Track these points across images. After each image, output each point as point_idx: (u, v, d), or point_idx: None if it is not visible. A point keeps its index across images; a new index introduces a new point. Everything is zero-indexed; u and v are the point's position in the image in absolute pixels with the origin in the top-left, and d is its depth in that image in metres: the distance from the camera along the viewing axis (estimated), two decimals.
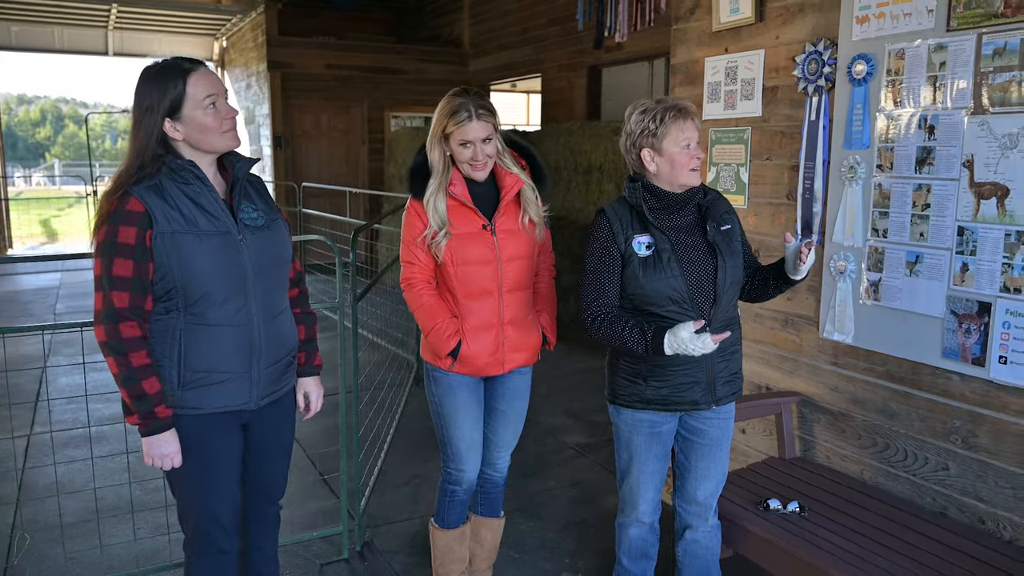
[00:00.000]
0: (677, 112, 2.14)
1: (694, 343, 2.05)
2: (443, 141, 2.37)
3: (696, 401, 2.23)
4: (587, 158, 7.37)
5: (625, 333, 2.16)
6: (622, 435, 2.38)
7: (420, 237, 2.40)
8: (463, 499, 2.64)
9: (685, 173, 2.16)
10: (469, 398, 2.52)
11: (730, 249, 2.20)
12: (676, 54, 3.41)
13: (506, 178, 2.43)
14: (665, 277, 2.14)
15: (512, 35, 10.30)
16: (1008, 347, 2.23)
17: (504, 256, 2.41)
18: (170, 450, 1.92)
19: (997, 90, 2.21)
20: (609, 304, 2.22)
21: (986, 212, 2.26)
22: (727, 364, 2.25)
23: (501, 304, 2.44)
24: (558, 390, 5.40)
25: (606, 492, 3.80)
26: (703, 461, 2.33)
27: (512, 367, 2.51)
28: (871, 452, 2.68)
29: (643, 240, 2.19)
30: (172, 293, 1.90)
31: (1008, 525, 2.30)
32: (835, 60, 2.67)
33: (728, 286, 2.18)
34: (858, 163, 2.61)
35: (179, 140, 1.93)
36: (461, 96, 2.34)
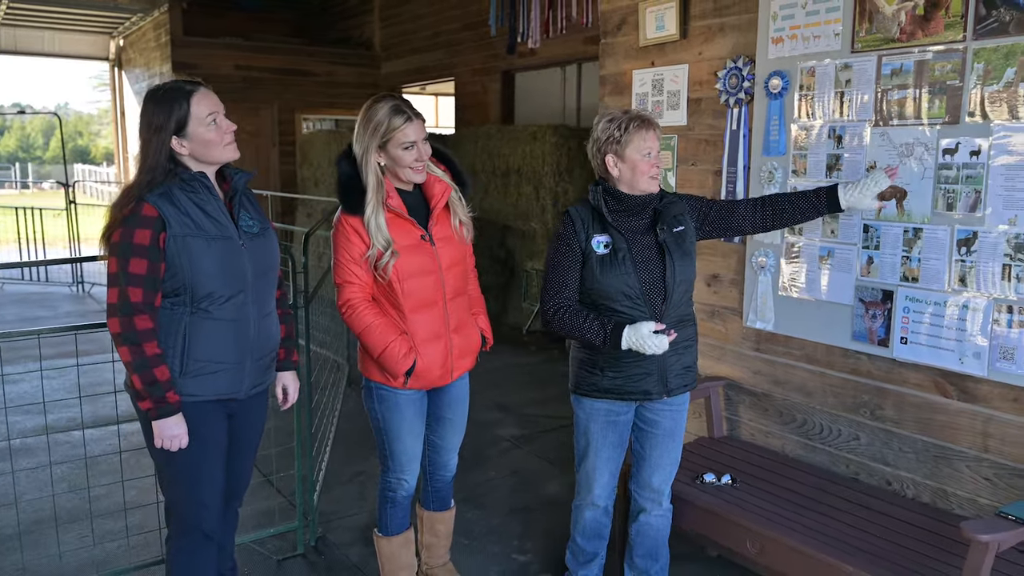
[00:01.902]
0: (641, 122, 2.35)
1: (651, 341, 2.25)
2: (379, 151, 2.35)
3: (648, 391, 2.44)
4: (505, 161, 7.58)
5: (585, 325, 2.34)
6: (580, 422, 2.58)
7: (363, 257, 2.37)
8: (404, 504, 2.69)
9: (645, 180, 2.36)
10: (416, 413, 2.56)
11: (681, 250, 2.40)
12: (605, 66, 3.65)
13: (435, 185, 2.49)
14: (620, 274, 2.35)
15: (424, 39, 10.41)
16: (908, 329, 2.56)
17: (444, 264, 2.46)
18: (179, 431, 2.07)
19: (895, 105, 2.54)
20: (570, 298, 2.41)
21: (887, 212, 2.58)
22: (679, 358, 2.45)
23: (446, 313, 2.49)
24: (486, 385, 5.56)
25: (545, 479, 4.01)
26: (657, 450, 2.55)
27: (459, 374, 2.60)
28: (791, 428, 2.99)
29: (602, 239, 2.39)
30: (180, 290, 2.05)
31: (911, 485, 2.63)
32: (753, 76, 2.96)
33: (678, 284, 2.38)
34: (775, 169, 2.91)
35: (185, 155, 2.08)
36: (390, 99, 2.38)
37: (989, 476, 2.42)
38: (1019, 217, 2.27)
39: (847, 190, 2.46)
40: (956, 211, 2.41)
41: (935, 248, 2.47)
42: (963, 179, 2.39)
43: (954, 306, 2.44)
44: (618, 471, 2.61)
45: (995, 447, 2.40)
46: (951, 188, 2.42)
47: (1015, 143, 2.26)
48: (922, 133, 2.47)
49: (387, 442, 2.59)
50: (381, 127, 2.35)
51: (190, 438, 2.09)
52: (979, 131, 2.34)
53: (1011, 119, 2.27)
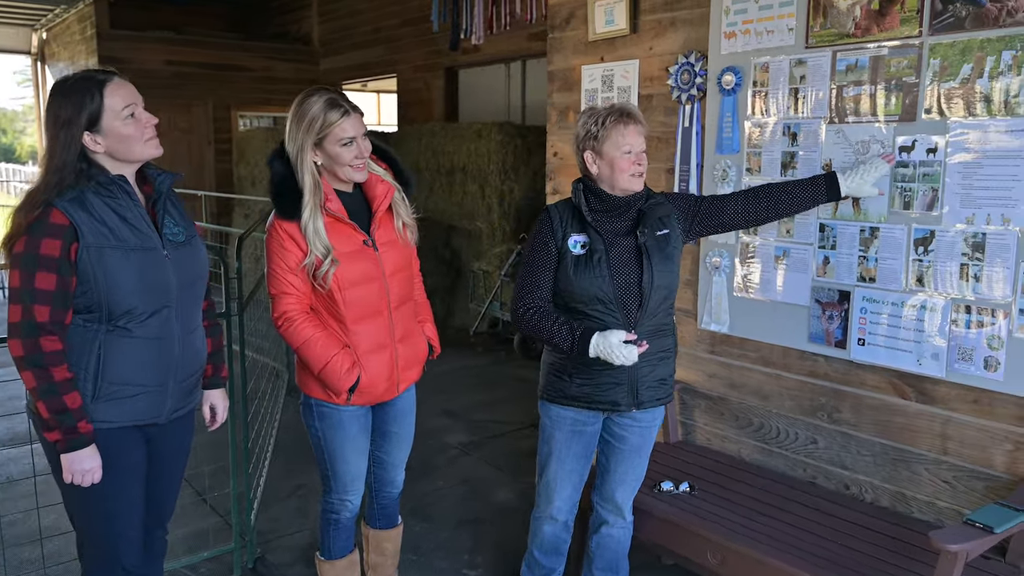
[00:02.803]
0: (619, 117, 2.23)
1: (620, 351, 2.13)
2: (315, 149, 2.20)
3: (617, 402, 2.32)
4: (449, 159, 7.44)
5: (554, 328, 2.23)
6: (546, 429, 2.46)
7: (300, 265, 2.21)
8: (348, 525, 2.55)
9: (625, 178, 2.24)
10: (360, 430, 2.42)
11: (662, 254, 2.26)
12: (553, 61, 3.54)
13: (376, 186, 2.34)
14: (593, 277, 2.23)
15: (365, 34, 10.18)
16: (865, 330, 2.51)
17: (388, 270, 2.32)
18: (92, 465, 1.86)
19: (850, 102, 2.48)
20: (542, 298, 2.29)
21: (844, 210, 2.53)
22: (653, 370, 2.33)
23: (391, 322, 2.35)
24: (433, 391, 5.40)
25: (496, 488, 3.89)
26: (622, 465, 2.44)
27: (405, 386, 2.46)
28: (748, 432, 2.93)
29: (579, 239, 2.27)
30: (94, 307, 1.83)
31: (869, 488, 2.58)
32: (706, 71, 2.88)
33: (655, 290, 2.24)
34: (729, 167, 2.84)
35: (100, 153, 1.86)
36: (324, 92, 2.22)
37: (948, 479, 2.39)
38: (976, 216, 2.23)
39: (847, 177, 2.39)
40: (913, 210, 2.37)
41: (892, 248, 2.42)
42: (920, 177, 2.34)
43: (912, 306, 2.40)
44: (581, 485, 2.49)
45: (954, 449, 2.37)
46: (908, 186, 2.37)
47: (972, 140, 2.23)
48: (878, 130, 2.42)
49: (329, 462, 2.44)
50: (316, 123, 2.18)
51: (104, 469, 1.89)
52: (936, 128, 2.30)
53: (968, 116, 2.23)
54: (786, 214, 2.48)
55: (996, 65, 2.16)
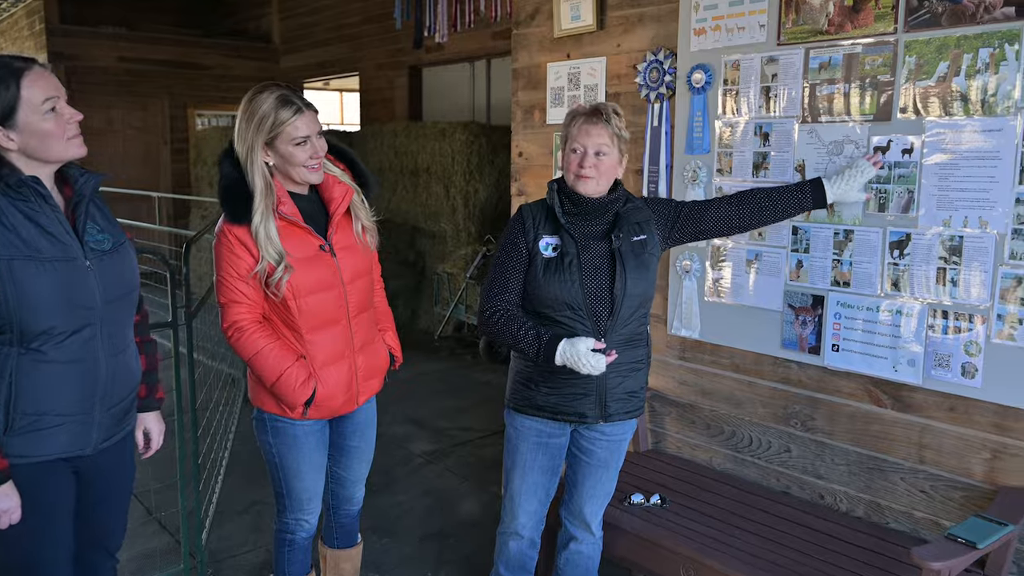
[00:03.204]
0: (581, 114, 2.15)
1: (587, 359, 2.02)
2: (266, 149, 2.08)
3: (584, 414, 2.21)
4: (413, 160, 7.30)
5: (520, 333, 2.12)
6: (510, 440, 2.35)
7: (251, 272, 2.08)
8: (305, 545, 2.41)
9: (570, 178, 2.15)
10: (317, 446, 2.29)
11: (637, 261, 2.16)
12: (518, 59, 3.43)
13: (334, 188, 2.22)
14: (563, 281, 2.12)
15: (326, 32, 9.99)
16: (840, 336, 2.44)
17: (347, 277, 2.20)
18: (9, 505, 1.66)
19: (824, 101, 2.41)
20: (510, 301, 2.19)
21: (817, 213, 2.45)
22: (623, 381, 2.22)
23: (350, 331, 2.23)
24: (398, 397, 5.27)
25: (461, 499, 3.76)
26: (590, 480, 2.33)
27: (365, 398, 2.34)
28: (719, 440, 2.84)
29: (550, 241, 2.17)
30: (4, 327, 1.63)
31: (844, 498, 2.51)
32: (675, 69, 2.79)
33: (628, 298, 2.14)
34: (699, 168, 2.75)
35: (13, 151, 1.66)
36: (275, 89, 2.09)
37: (925, 488, 2.32)
38: (954, 218, 2.17)
39: (833, 183, 2.30)
40: (888, 212, 2.30)
41: (867, 251, 2.35)
42: (895, 178, 2.27)
43: (887, 311, 2.33)
44: (548, 500, 2.38)
45: (931, 458, 2.30)
46: (883, 188, 2.30)
47: (948, 141, 2.16)
48: (852, 130, 2.35)
49: (284, 480, 2.30)
50: (267, 121, 2.06)
51: (25, 508, 1.69)
52: (911, 128, 2.23)
53: (944, 115, 2.16)
54: (770, 221, 2.35)
55: (973, 63, 2.10)
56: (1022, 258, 2.06)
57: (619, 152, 2.17)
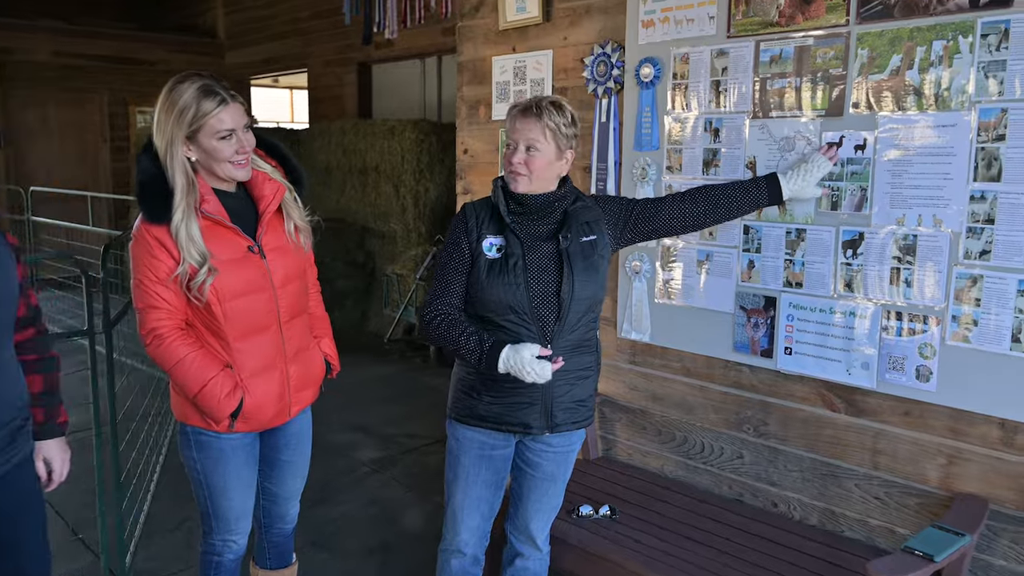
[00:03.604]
0: (516, 108, 2.04)
1: (532, 367, 1.91)
2: (187, 143, 1.93)
3: (529, 425, 2.09)
4: (362, 158, 7.12)
5: (462, 339, 2.00)
6: (452, 452, 2.22)
7: (171, 275, 1.93)
8: (233, 568, 2.25)
9: (507, 175, 2.04)
10: (245, 461, 2.14)
11: (585, 263, 2.04)
12: (463, 52, 3.30)
13: (264, 185, 2.07)
14: (507, 284, 2.00)
15: (274, 27, 9.72)
16: (792, 338, 2.36)
17: (278, 280, 2.07)
18: None
19: (775, 95, 2.33)
20: (452, 304, 2.06)
21: (769, 211, 2.37)
22: (570, 390, 2.10)
23: (282, 338, 2.10)
24: (343, 403, 5.10)
25: (407, 510, 3.62)
26: (536, 493, 2.21)
27: (298, 409, 2.20)
28: (671, 447, 2.75)
29: (494, 242, 2.05)
30: None
31: (798, 506, 2.43)
32: (623, 63, 2.69)
33: (575, 302, 2.02)
34: (649, 165, 2.65)
35: None
36: (196, 78, 1.93)
37: (880, 495, 2.26)
38: (907, 216, 2.10)
39: (788, 178, 2.21)
40: (841, 210, 2.23)
41: (819, 250, 2.28)
42: (848, 176, 2.20)
43: (840, 313, 2.25)
44: (492, 515, 2.25)
45: (885, 464, 2.23)
46: (836, 185, 2.23)
47: (902, 137, 2.09)
48: (804, 126, 2.27)
49: (210, 499, 2.14)
50: (188, 113, 1.90)
51: None
52: (864, 123, 2.16)
53: (897, 110, 2.09)
54: (725, 219, 2.25)
55: (927, 56, 2.03)
56: (976, 257, 2.00)
57: (556, 148, 2.03)
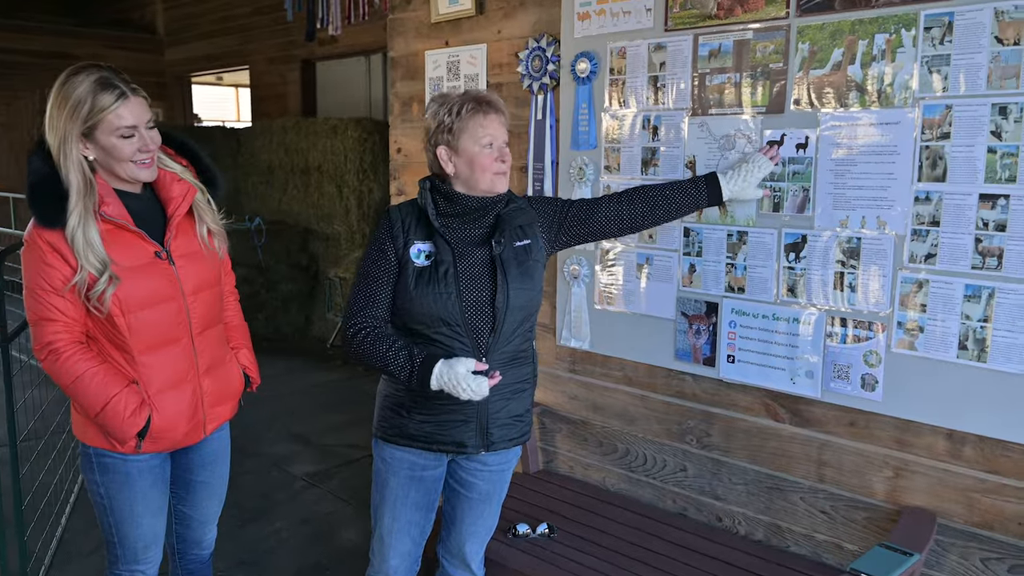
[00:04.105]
0: (476, 105, 1.87)
1: (467, 383, 1.77)
2: (83, 141, 1.77)
3: (463, 443, 1.95)
4: (304, 157, 6.90)
5: (390, 354, 1.85)
6: (379, 474, 2.07)
7: (67, 284, 1.76)
8: None
9: (488, 177, 1.88)
10: (154, 484, 1.97)
11: (521, 269, 1.91)
12: (394, 46, 3.14)
13: (172, 186, 1.91)
14: (437, 293, 1.86)
15: (214, 22, 9.42)
16: (735, 346, 2.26)
17: (189, 288, 1.91)
18: None
19: (714, 91, 2.22)
20: (377, 317, 1.91)
21: (709, 213, 2.27)
22: (507, 404, 1.96)
23: (194, 350, 1.94)
24: (282, 412, 4.91)
25: (343, 526, 3.45)
26: (470, 515, 2.07)
27: (215, 426, 2.03)
28: (612, 459, 2.63)
29: (423, 248, 1.90)
30: None
31: (743, 520, 2.33)
32: (558, 57, 2.57)
33: (511, 311, 1.89)
34: (586, 164, 2.53)
35: None
36: (94, 70, 1.77)
37: (826, 508, 2.16)
38: (851, 218, 2.01)
39: (729, 179, 2.10)
40: (783, 212, 2.13)
41: (761, 254, 2.18)
42: (790, 176, 2.10)
43: (784, 319, 2.16)
44: (423, 539, 2.10)
45: (831, 476, 2.14)
46: (777, 186, 2.13)
47: (844, 135, 2.00)
48: (744, 123, 2.17)
49: (116, 526, 1.96)
50: (82, 107, 1.74)
51: None
52: (806, 121, 2.06)
53: (840, 107, 2.00)
54: (664, 220, 2.14)
55: (869, 50, 1.94)
56: (922, 261, 1.91)
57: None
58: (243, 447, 4.31)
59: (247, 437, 4.44)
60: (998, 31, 1.76)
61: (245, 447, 4.31)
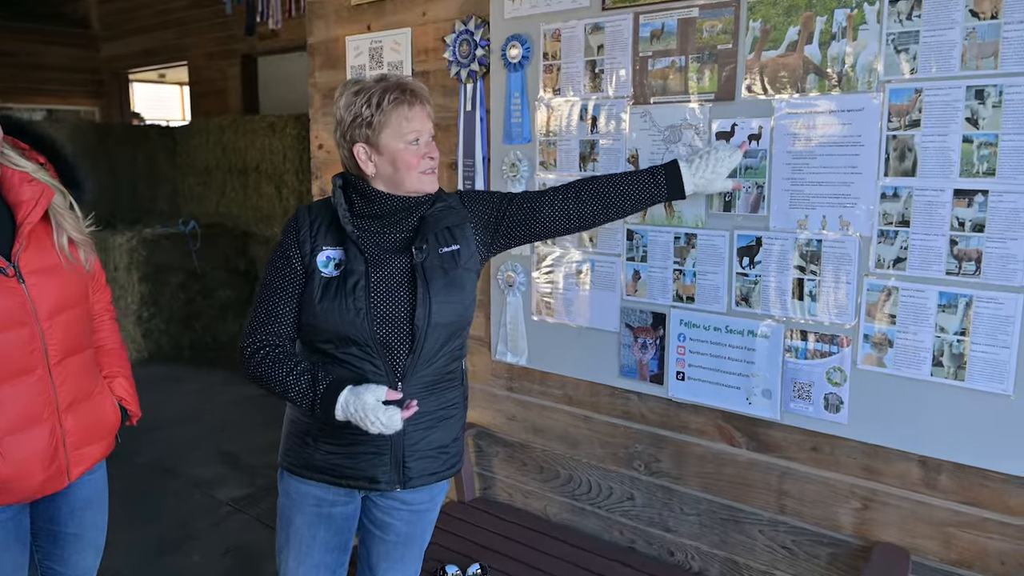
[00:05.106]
0: (400, 95, 1.60)
1: (376, 415, 1.52)
2: None
3: (375, 479, 1.68)
4: (242, 157, 6.56)
5: (290, 379, 1.59)
6: (283, 511, 1.80)
7: None
8: None
9: (414, 177, 1.62)
10: (6, 542, 1.68)
11: (446, 279, 1.64)
12: (313, 32, 2.87)
13: (22, 188, 1.62)
14: (344, 308, 1.59)
15: (151, 16, 8.99)
16: (685, 362, 2.02)
17: (44, 309, 1.62)
18: None
19: (657, 77, 1.98)
20: (279, 334, 1.65)
21: (654, 213, 2.03)
22: (428, 434, 1.69)
23: (51, 383, 1.64)
24: (212, 428, 4.58)
25: (267, 557, 3.15)
26: (387, 560, 1.80)
27: (81, 471, 1.73)
28: (554, 486, 2.38)
29: (332, 255, 1.64)
30: None
31: (696, 555, 2.10)
32: (488, 41, 2.31)
33: (433, 329, 1.62)
34: (520, 160, 2.27)
35: None
36: None
37: (787, 543, 1.93)
38: (810, 218, 1.78)
39: (693, 169, 1.80)
40: (735, 211, 1.89)
41: (712, 259, 1.94)
42: (742, 170, 1.87)
43: (737, 332, 1.92)
44: None
45: (792, 507, 1.91)
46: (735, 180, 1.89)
47: (803, 124, 1.77)
48: (691, 112, 1.93)
49: None
50: None
51: None
52: (758, 109, 1.83)
53: (796, 93, 1.77)
54: (618, 216, 1.83)
55: (828, 28, 1.71)
56: (890, 266, 1.69)
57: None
58: (168, 468, 4.00)
59: (173, 457, 4.12)
60: (973, 4, 1.54)
61: (169, 468, 3.99)
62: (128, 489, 3.67)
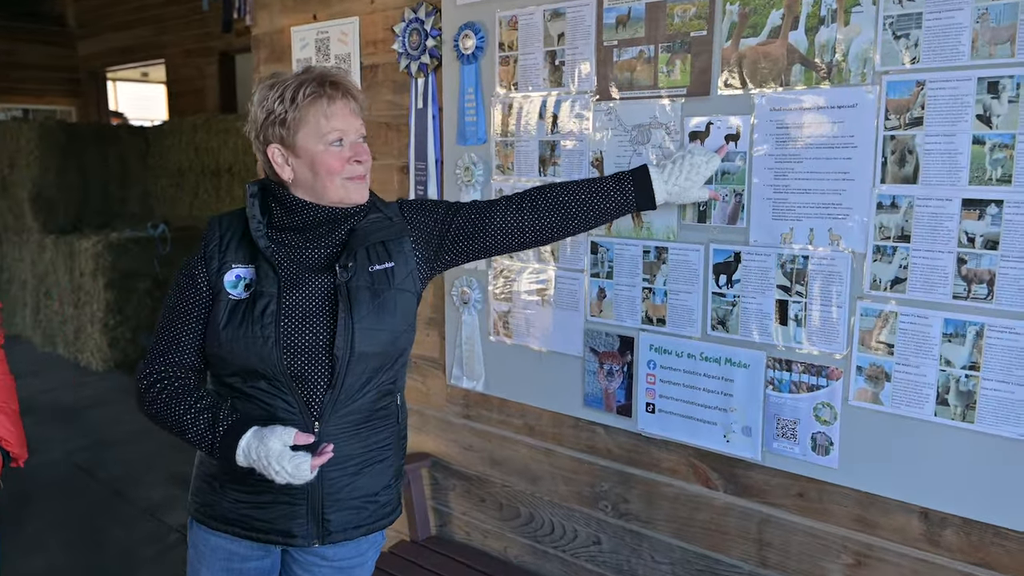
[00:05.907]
0: (318, 88, 1.37)
1: (282, 463, 1.31)
2: None
3: (290, 532, 1.45)
4: (215, 158, 6.32)
5: (188, 417, 1.38)
6: (191, 564, 1.58)
7: None
8: None
9: (336, 184, 1.39)
10: None
11: (376, 303, 1.41)
12: (257, 23, 2.63)
13: None
14: (252, 336, 1.37)
15: (127, 13, 8.75)
16: (655, 392, 1.78)
17: None
18: None
19: (623, 69, 1.74)
20: (180, 365, 1.44)
21: (621, 224, 1.79)
22: (353, 482, 1.45)
23: None
24: (167, 447, 4.31)
25: None
26: None
27: None
28: (514, 525, 2.14)
29: (242, 274, 1.42)
30: None
31: None
32: (439, 31, 2.07)
33: (356, 359, 1.39)
34: (475, 163, 2.04)
35: None
36: None
37: None
38: (796, 231, 1.54)
39: (666, 176, 1.56)
40: (711, 222, 1.66)
41: (685, 276, 1.71)
42: (718, 176, 1.63)
43: (713, 360, 1.69)
44: None
45: (776, 560, 1.68)
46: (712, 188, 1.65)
47: (788, 122, 1.53)
48: (661, 109, 1.69)
49: None
50: None
51: None
52: (737, 105, 1.59)
53: (779, 86, 1.53)
54: (580, 229, 1.58)
55: (815, 11, 1.47)
56: (888, 287, 1.45)
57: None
58: (117, 491, 3.75)
59: (123, 479, 3.87)
60: None
61: (118, 491, 3.74)
62: (76, 517, 3.43)
